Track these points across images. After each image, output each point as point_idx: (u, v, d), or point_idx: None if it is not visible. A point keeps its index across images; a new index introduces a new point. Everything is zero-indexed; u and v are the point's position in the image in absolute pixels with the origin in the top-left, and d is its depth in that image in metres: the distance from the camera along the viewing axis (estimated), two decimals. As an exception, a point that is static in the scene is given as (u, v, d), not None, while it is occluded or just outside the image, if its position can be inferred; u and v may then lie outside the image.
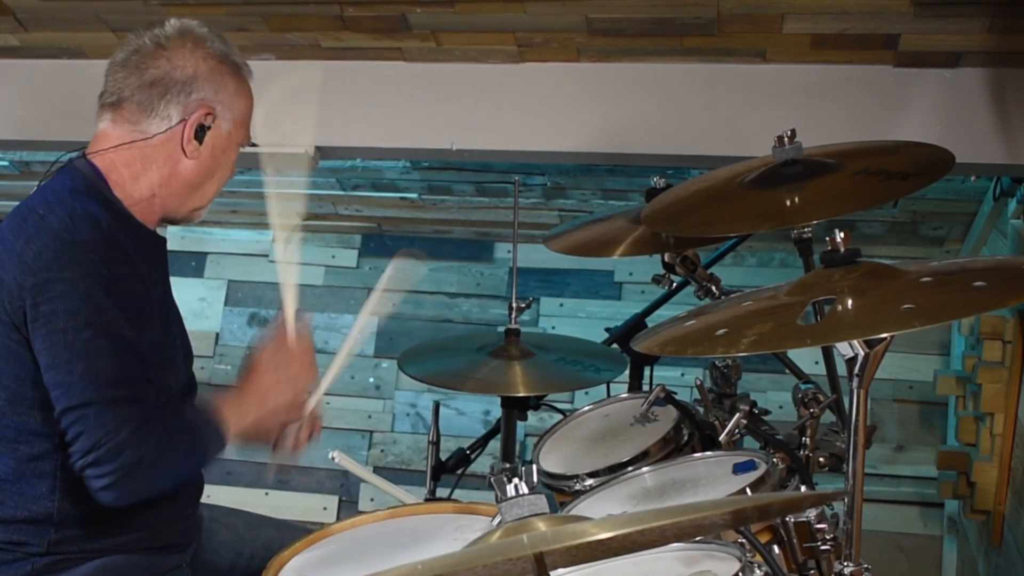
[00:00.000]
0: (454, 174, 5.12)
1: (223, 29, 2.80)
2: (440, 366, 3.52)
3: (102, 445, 2.44)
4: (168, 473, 2.56)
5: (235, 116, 2.80)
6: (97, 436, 2.44)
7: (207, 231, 6.02)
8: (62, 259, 2.49)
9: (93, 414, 2.45)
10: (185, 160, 2.73)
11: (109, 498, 2.48)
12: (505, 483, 1.83)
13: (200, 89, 2.71)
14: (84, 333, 2.46)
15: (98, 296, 2.49)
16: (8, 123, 4.44)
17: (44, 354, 2.49)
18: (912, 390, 5.25)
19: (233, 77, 2.79)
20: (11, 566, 2.61)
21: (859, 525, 2.24)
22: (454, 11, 3.88)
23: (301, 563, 2.68)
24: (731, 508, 1.81)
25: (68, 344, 2.46)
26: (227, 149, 2.81)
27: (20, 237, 2.56)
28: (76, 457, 2.46)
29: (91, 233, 2.54)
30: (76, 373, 2.46)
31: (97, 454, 2.44)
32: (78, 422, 2.46)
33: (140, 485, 2.49)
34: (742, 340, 2.10)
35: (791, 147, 3.01)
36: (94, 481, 2.46)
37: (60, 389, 2.48)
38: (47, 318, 2.47)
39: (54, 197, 2.62)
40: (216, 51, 2.76)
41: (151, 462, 2.49)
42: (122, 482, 2.46)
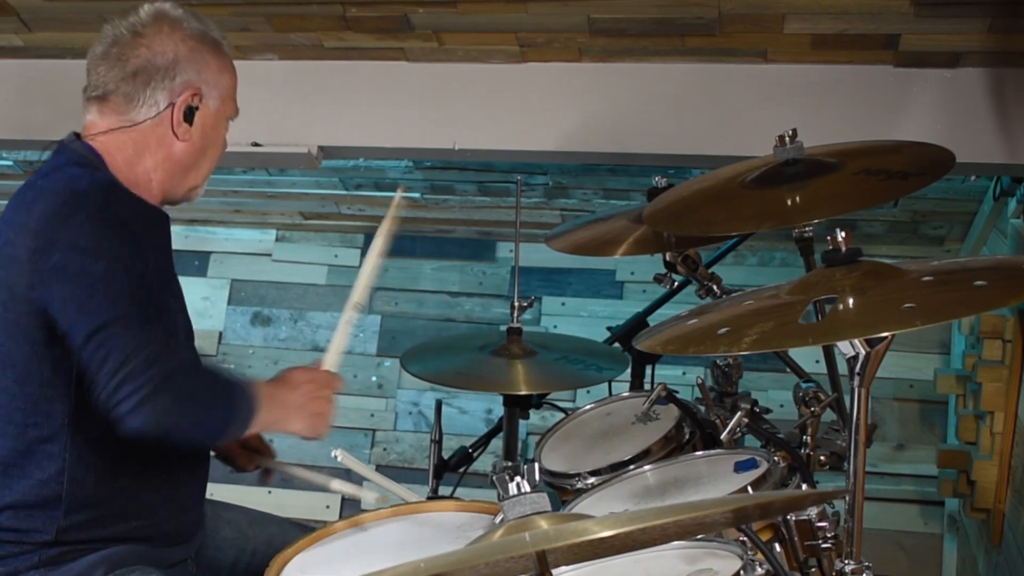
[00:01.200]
0: (456, 174, 5.13)
1: (226, 29, 2.81)
2: (443, 365, 3.53)
3: (133, 357, 2.39)
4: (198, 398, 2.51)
5: (221, 92, 2.80)
6: (127, 350, 2.40)
7: (210, 230, 6.04)
8: (63, 210, 2.50)
9: (119, 332, 2.42)
10: (177, 143, 2.74)
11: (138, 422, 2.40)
12: (507, 481, 1.84)
13: (183, 71, 2.71)
14: (98, 265, 2.46)
15: (105, 233, 2.50)
16: (12, 123, 4.45)
17: (61, 299, 2.48)
18: (912, 389, 5.26)
19: (214, 54, 2.78)
20: (18, 558, 2.61)
21: (860, 523, 2.25)
22: (456, 11, 3.88)
23: (304, 561, 2.69)
24: (732, 506, 1.82)
25: (84, 278, 2.46)
26: (217, 125, 2.82)
27: (21, 210, 2.57)
28: (105, 380, 2.40)
29: (90, 184, 2.57)
30: (95, 297, 2.45)
31: (129, 369, 2.39)
32: (105, 343, 2.41)
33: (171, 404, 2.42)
34: (743, 339, 2.11)
35: (792, 147, 3.02)
36: (125, 403, 2.39)
37: (80, 318, 2.44)
38: (59, 267, 2.47)
39: (50, 167, 2.66)
40: (194, 31, 2.75)
41: (182, 377, 2.46)
42: (154, 397, 2.39)
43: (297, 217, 5.86)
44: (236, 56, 2.88)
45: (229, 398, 2.60)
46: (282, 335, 5.95)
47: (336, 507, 5.71)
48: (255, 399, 2.63)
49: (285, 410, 2.74)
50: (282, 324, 5.95)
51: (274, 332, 5.96)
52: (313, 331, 5.93)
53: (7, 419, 2.62)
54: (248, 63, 4.23)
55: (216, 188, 5.42)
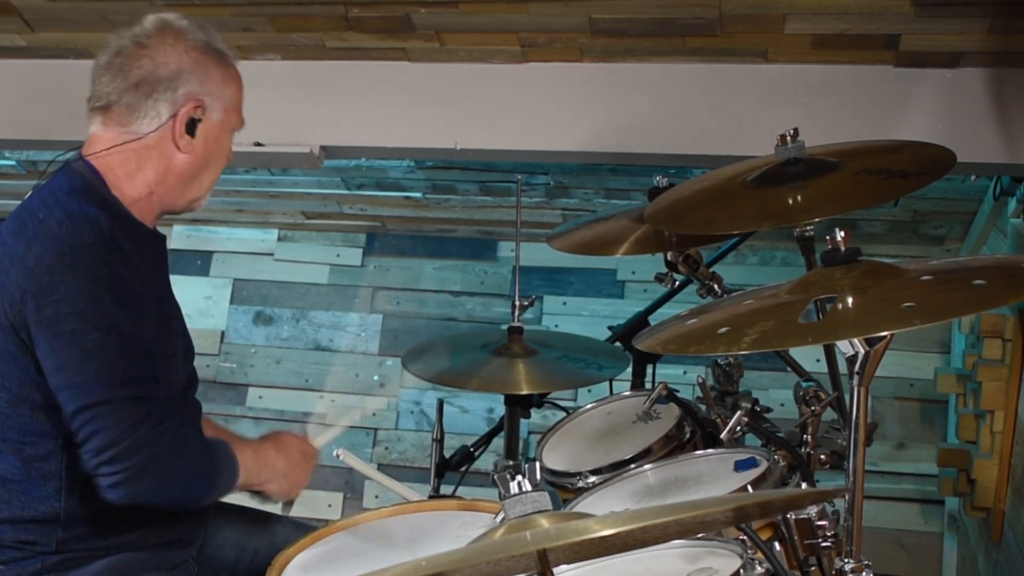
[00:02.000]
0: (458, 173, 5.13)
1: (228, 29, 2.82)
2: (444, 364, 3.52)
3: (120, 442, 2.45)
4: (180, 478, 2.58)
5: (225, 104, 2.80)
6: (114, 434, 2.45)
7: (213, 230, 6.04)
8: (63, 262, 2.50)
9: (108, 412, 2.46)
10: (179, 154, 2.74)
11: (118, 496, 2.49)
12: (508, 480, 1.84)
13: (186, 83, 2.71)
14: (92, 334, 2.48)
15: (102, 297, 2.50)
16: (15, 123, 4.45)
17: (51, 357, 2.50)
18: (913, 388, 5.26)
19: (218, 66, 2.79)
20: (21, 563, 2.63)
21: (860, 522, 2.25)
22: (458, 11, 3.88)
23: (306, 560, 2.69)
24: (733, 505, 1.82)
25: (77, 345, 2.47)
26: (220, 138, 2.82)
27: (20, 241, 2.57)
28: (90, 456, 2.47)
29: (91, 235, 2.55)
30: (88, 373, 2.47)
31: (114, 451, 2.45)
32: (92, 421, 2.46)
33: (151, 485, 2.50)
34: (744, 338, 2.11)
35: (793, 146, 3.02)
36: (106, 479, 2.47)
37: (71, 390, 2.49)
38: (52, 321, 2.48)
39: (52, 199, 2.63)
40: (198, 42, 2.76)
41: (166, 462, 2.51)
42: (135, 480, 2.47)
43: (299, 217, 5.86)
44: (239, 56, 2.88)
45: (213, 469, 2.68)
46: (284, 334, 5.95)
47: (338, 506, 5.71)
48: (239, 466, 2.73)
49: (268, 472, 2.85)
50: (284, 323, 5.96)
51: (276, 331, 5.96)
52: (315, 330, 5.93)
53: (3, 437, 2.63)
54: (250, 63, 4.22)
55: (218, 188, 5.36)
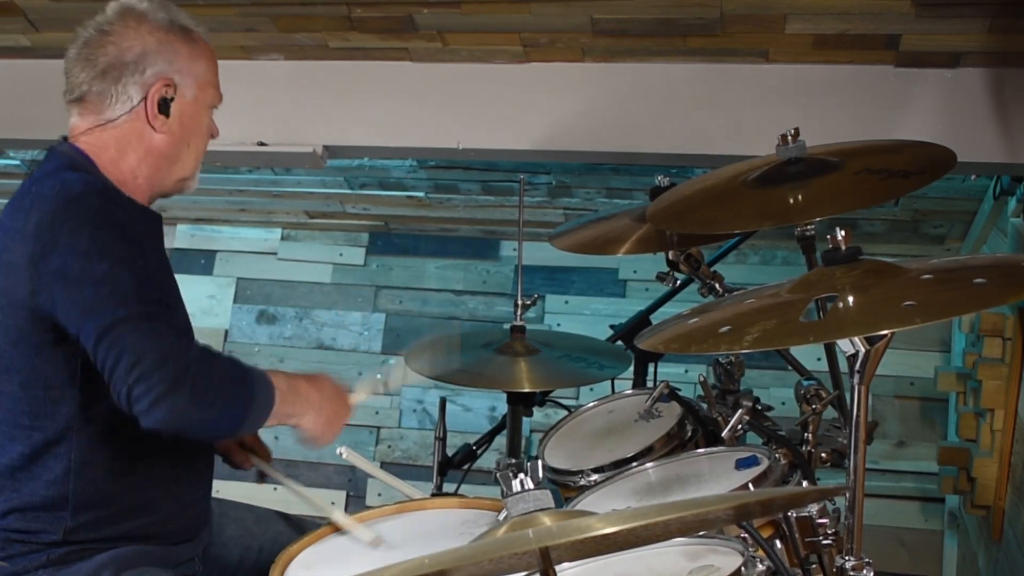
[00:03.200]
0: (460, 173, 5.14)
1: (232, 29, 2.82)
2: (447, 363, 3.52)
3: (147, 356, 2.39)
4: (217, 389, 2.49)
5: (197, 79, 2.77)
6: (139, 349, 2.39)
7: (216, 229, 6.05)
8: (60, 215, 2.50)
9: (130, 330, 2.41)
10: (156, 135, 2.73)
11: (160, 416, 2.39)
12: (511, 478, 1.85)
13: (153, 64, 2.69)
14: (100, 266, 2.46)
15: (103, 235, 2.50)
16: (18, 122, 4.46)
17: (67, 303, 2.47)
18: (913, 386, 5.26)
19: (184, 42, 2.76)
20: (27, 557, 2.62)
21: (860, 520, 2.26)
22: (460, 12, 3.89)
23: (309, 557, 2.71)
24: (734, 503, 1.83)
25: (88, 280, 2.45)
26: (196, 114, 2.80)
27: (17, 217, 2.57)
28: (120, 382, 2.40)
29: (84, 188, 2.56)
30: (103, 298, 2.44)
31: (144, 367, 2.38)
32: (116, 343, 2.40)
33: (189, 398, 2.41)
34: (745, 337, 2.11)
35: (794, 146, 3.02)
36: (142, 400, 2.39)
37: (90, 322, 2.44)
38: (60, 271, 2.47)
39: (41, 174, 2.65)
40: (160, 22, 2.73)
41: (198, 370, 2.44)
42: (171, 391, 2.38)
43: (302, 216, 5.87)
44: (242, 56, 2.89)
45: (248, 389, 2.57)
46: (287, 333, 5.96)
47: (341, 504, 5.71)
48: (274, 390, 2.61)
49: (304, 404, 2.72)
50: (287, 322, 5.96)
51: (279, 330, 5.97)
52: (318, 329, 5.94)
53: (13, 423, 2.63)
54: (254, 63, 4.26)
55: (222, 187, 5.43)
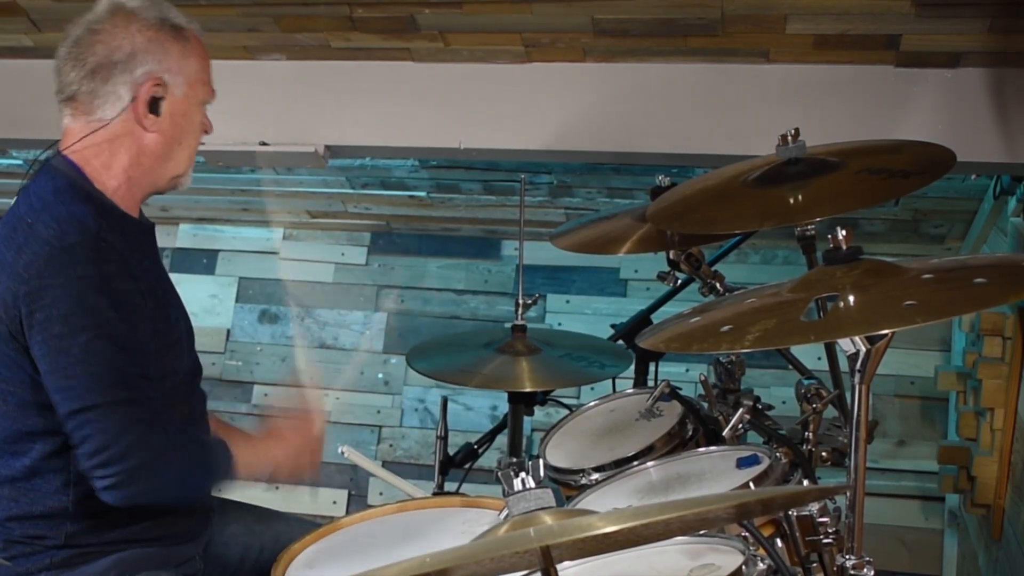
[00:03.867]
0: (462, 173, 5.14)
1: (234, 29, 2.81)
2: (448, 362, 3.53)
3: (109, 447, 2.48)
4: (174, 478, 2.61)
5: (188, 77, 2.75)
6: (104, 439, 2.48)
7: (218, 229, 6.05)
8: (52, 265, 2.50)
9: (98, 417, 2.48)
10: (147, 135, 2.71)
11: (113, 498, 2.52)
12: (512, 477, 1.85)
13: (143, 63, 2.67)
14: (80, 337, 2.48)
15: (90, 298, 2.50)
16: (22, 122, 4.45)
17: (42, 360, 2.51)
18: (913, 386, 5.26)
19: (175, 41, 2.73)
20: (30, 559, 2.64)
21: (861, 519, 2.27)
22: (462, 12, 3.89)
23: (311, 556, 2.72)
24: (735, 502, 1.83)
25: (65, 349, 2.48)
26: (188, 112, 2.77)
27: (11, 247, 2.57)
28: (84, 459, 2.50)
29: (79, 235, 2.54)
30: (76, 377, 2.49)
31: (105, 456, 2.48)
32: (84, 425, 2.49)
33: (145, 487, 2.53)
34: (746, 336, 2.12)
35: (794, 146, 3.02)
36: (100, 481, 2.50)
37: (61, 394, 2.50)
38: (42, 325, 2.49)
39: (39, 202, 2.63)
40: (150, 20, 2.71)
41: (158, 465, 2.53)
42: (127, 483, 2.50)
43: (304, 216, 5.87)
44: (244, 56, 2.88)
45: (207, 471, 2.71)
46: (289, 332, 5.96)
47: (343, 503, 5.72)
48: (234, 467, 2.73)
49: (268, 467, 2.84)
50: (289, 321, 5.97)
51: (281, 329, 5.97)
52: (320, 328, 5.94)
53: (12, 439, 2.65)
54: (256, 63, 4.26)
55: (224, 187, 5.44)
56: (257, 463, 2.80)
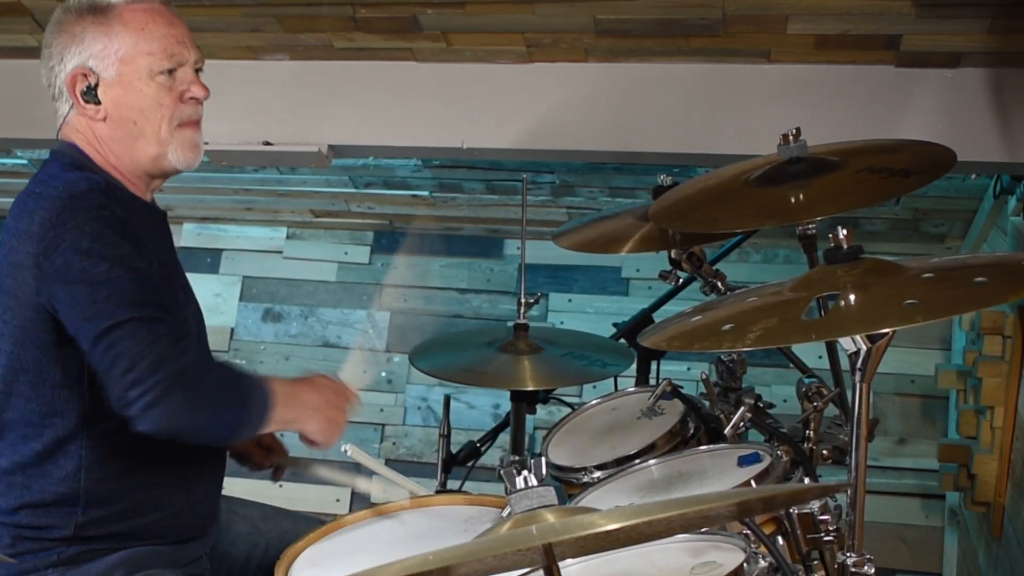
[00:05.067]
0: (464, 172, 5.15)
1: (237, 30, 2.81)
2: (451, 361, 3.54)
3: (141, 359, 2.40)
4: (211, 395, 2.51)
5: (117, 56, 2.67)
6: (134, 352, 2.40)
7: (222, 228, 6.07)
8: (64, 213, 2.51)
9: (127, 332, 2.42)
10: (97, 124, 2.70)
11: (153, 420, 2.41)
12: (514, 475, 1.86)
13: (71, 58, 2.67)
14: (100, 266, 2.47)
15: (106, 234, 2.50)
16: (27, 122, 4.46)
17: (66, 302, 2.49)
18: (914, 384, 5.28)
19: (95, 23, 2.68)
20: (37, 555, 2.64)
21: (861, 516, 2.27)
22: (464, 12, 3.89)
23: (315, 554, 2.73)
24: (736, 500, 1.83)
25: (87, 280, 2.46)
26: (129, 89, 2.70)
27: (22, 218, 2.58)
28: (115, 384, 2.41)
29: (88, 185, 2.57)
30: (100, 300, 2.45)
31: (138, 371, 2.39)
32: (112, 346, 2.42)
33: (182, 404, 2.42)
34: (747, 335, 2.13)
35: (796, 145, 3.01)
36: (136, 404, 2.40)
37: (88, 323, 2.45)
38: (63, 270, 2.48)
39: (46, 175, 2.67)
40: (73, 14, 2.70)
41: (193, 376, 2.45)
42: (166, 397, 2.39)
43: (308, 215, 5.88)
44: (247, 56, 2.87)
45: (243, 395, 2.58)
46: (293, 331, 5.98)
47: (346, 500, 5.73)
48: (271, 396, 2.61)
49: (302, 409, 2.71)
50: (293, 320, 5.98)
51: (285, 328, 5.99)
52: (323, 327, 5.95)
53: (24, 422, 2.64)
54: (259, 63, 4.27)
55: (227, 186, 5.45)
56: (290, 401, 2.68)
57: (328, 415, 2.76)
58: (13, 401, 2.65)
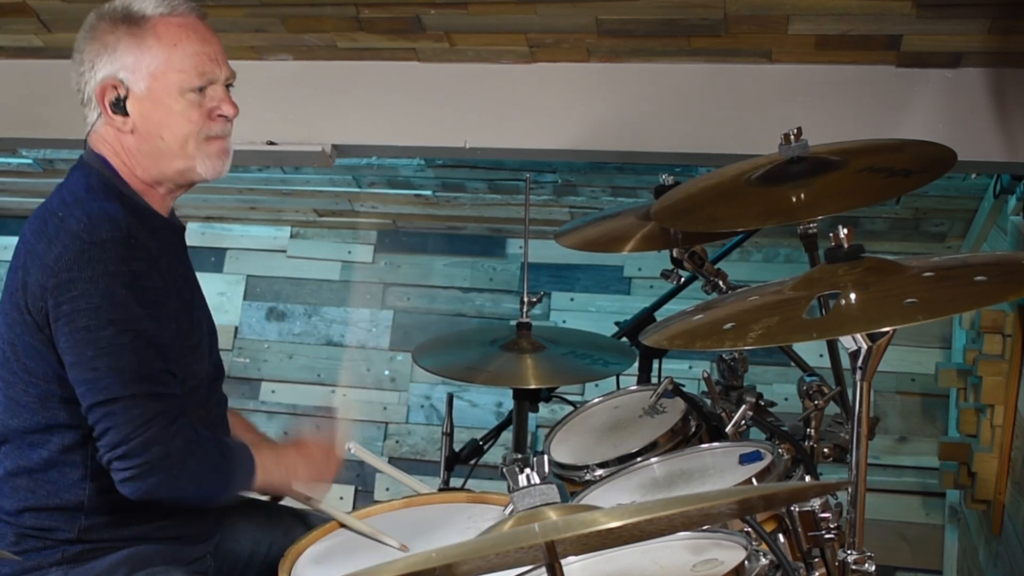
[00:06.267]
0: (467, 172, 5.15)
1: (241, 30, 2.80)
2: (454, 359, 3.55)
3: (131, 439, 2.48)
4: (193, 475, 2.58)
5: (148, 70, 2.67)
6: (126, 431, 2.48)
7: (226, 227, 6.07)
8: (81, 259, 2.50)
9: (120, 409, 2.49)
10: (125, 136, 2.70)
11: (131, 490, 2.52)
12: (517, 473, 1.87)
13: (101, 67, 2.67)
14: (106, 330, 2.49)
15: (118, 293, 2.51)
16: (31, 122, 4.47)
17: (68, 352, 2.52)
18: (914, 382, 5.28)
19: (129, 35, 2.67)
20: (41, 553, 2.65)
21: (862, 514, 2.28)
22: (467, 12, 3.90)
23: (318, 552, 2.74)
24: (737, 497, 1.84)
25: (91, 341, 2.49)
26: (159, 103, 2.69)
27: (41, 240, 2.58)
28: (104, 451, 2.50)
29: (109, 232, 2.54)
30: (101, 369, 2.49)
31: (126, 448, 2.48)
32: (106, 417, 2.49)
33: (164, 481, 2.52)
34: (749, 333, 2.13)
35: (797, 145, 3.01)
36: (120, 473, 2.50)
37: (86, 386, 2.51)
38: (69, 317, 2.50)
39: (71, 197, 2.65)
40: (108, 23, 2.69)
41: (178, 459, 2.53)
42: (147, 475, 2.50)
43: (311, 214, 5.88)
44: (251, 56, 2.86)
45: (225, 472, 2.67)
46: (296, 330, 5.98)
47: (349, 499, 5.74)
48: (255, 468, 2.71)
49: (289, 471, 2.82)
50: (296, 319, 5.99)
51: (289, 327, 5.99)
52: (327, 326, 5.96)
53: (31, 430, 2.66)
54: (263, 63, 4.27)
55: (231, 186, 5.45)
56: (277, 470, 2.78)
57: (312, 473, 2.86)
58: (21, 411, 2.67)
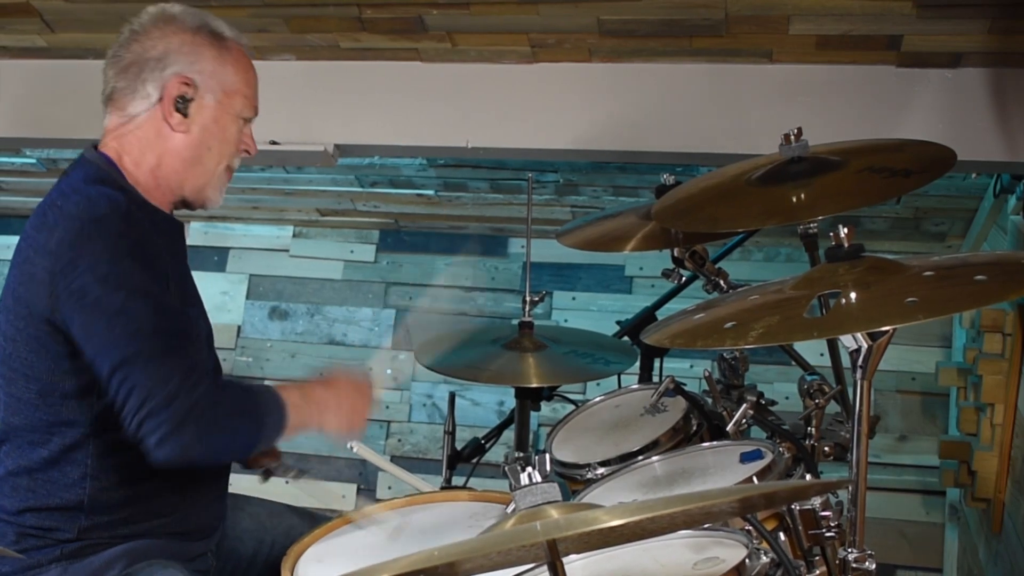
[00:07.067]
0: (469, 171, 5.15)
1: (244, 30, 2.80)
2: (456, 358, 3.54)
3: (154, 396, 2.42)
4: (224, 423, 2.54)
5: (223, 86, 2.76)
6: (147, 388, 2.43)
7: (229, 227, 6.09)
8: (83, 236, 2.51)
9: (140, 368, 2.45)
10: (174, 135, 2.73)
11: (167, 453, 2.44)
12: (519, 472, 1.87)
13: (174, 63, 2.70)
14: (117, 295, 2.48)
15: (124, 262, 2.51)
16: (35, 122, 4.48)
17: (83, 329, 2.50)
18: (915, 381, 5.28)
19: (212, 46, 2.75)
20: (41, 551, 2.65)
21: (863, 512, 2.29)
22: (469, 13, 3.90)
23: (320, 550, 2.74)
24: (738, 496, 1.84)
25: (104, 309, 2.48)
26: (220, 119, 2.77)
27: (42, 230, 2.58)
28: (129, 416, 2.44)
29: (108, 208, 2.56)
30: (116, 332, 2.47)
31: (151, 406, 2.42)
32: (126, 380, 2.45)
33: (196, 434, 2.45)
34: (750, 333, 2.14)
35: (797, 145, 3.01)
36: (150, 437, 2.43)
37: (103, 353, 2.48)
38: (79, 294, 2.49)
39: (69, 188, 2.66)
40: (190, 25, 2.74)
41: (206, 408, 2.47)
42: (178, 432, 2.43)
43: (314, 214, 5.89)
44: (254, 57, 2.86)
45: (256, 415, 2.62)
46: (299, 329, 5.99)
47: (351, 497, 5.74)
48: (285, 406, 2.65)
49: (317, 410, 2.74)
50: (299, 318, 5.99)
51: (291, 326, 6.00)
52: (329, 325, 5.96)
53: (32, 428, 2.66)
54: (266, 63, 4.24)
55: (235, 185, 5.41)
56: (306, 406, 2.72)
57: (347, 410, 2.80)
58: (22, 408, 2.67)
